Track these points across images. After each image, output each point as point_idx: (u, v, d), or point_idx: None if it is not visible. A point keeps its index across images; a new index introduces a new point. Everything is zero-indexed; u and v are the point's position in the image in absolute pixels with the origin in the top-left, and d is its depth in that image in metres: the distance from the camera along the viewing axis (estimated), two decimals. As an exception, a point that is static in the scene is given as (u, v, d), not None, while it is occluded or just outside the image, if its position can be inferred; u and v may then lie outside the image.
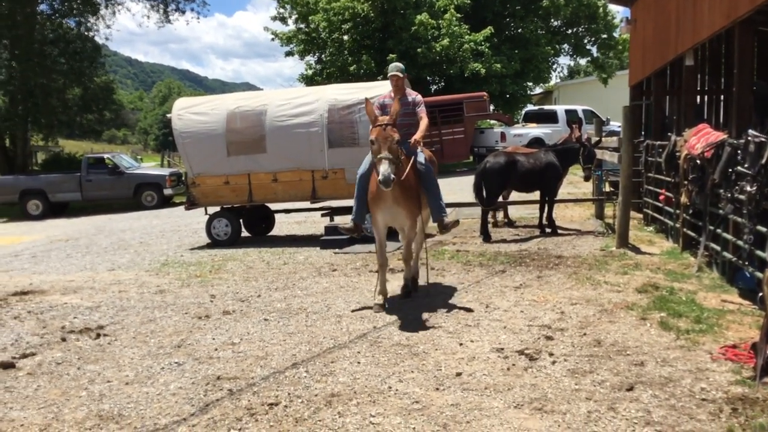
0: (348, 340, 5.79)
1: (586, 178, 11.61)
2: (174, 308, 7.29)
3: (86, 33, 29.08)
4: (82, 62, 27.99)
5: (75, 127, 31.25)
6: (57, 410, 4.55)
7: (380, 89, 11.44)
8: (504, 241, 10.68)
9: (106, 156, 22.53)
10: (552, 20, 36.21)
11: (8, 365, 5.53)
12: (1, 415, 4.51)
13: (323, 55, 33.62)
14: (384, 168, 6.20)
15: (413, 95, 7.47)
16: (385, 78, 21.03)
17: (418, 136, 7.00)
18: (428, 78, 32.23)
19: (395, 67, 7.42)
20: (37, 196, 20.56)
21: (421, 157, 7.14)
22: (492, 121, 30.14)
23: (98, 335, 6.35)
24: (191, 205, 12.26)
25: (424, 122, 7.20)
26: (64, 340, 6.26)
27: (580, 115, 25.76)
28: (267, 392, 4.66)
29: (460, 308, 6.68)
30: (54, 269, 10.30)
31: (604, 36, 36.89)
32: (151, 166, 32.05)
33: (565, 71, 61.76)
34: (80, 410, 4.52)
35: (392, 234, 8.29)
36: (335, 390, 4.64)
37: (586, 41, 37.78)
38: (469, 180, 11.32)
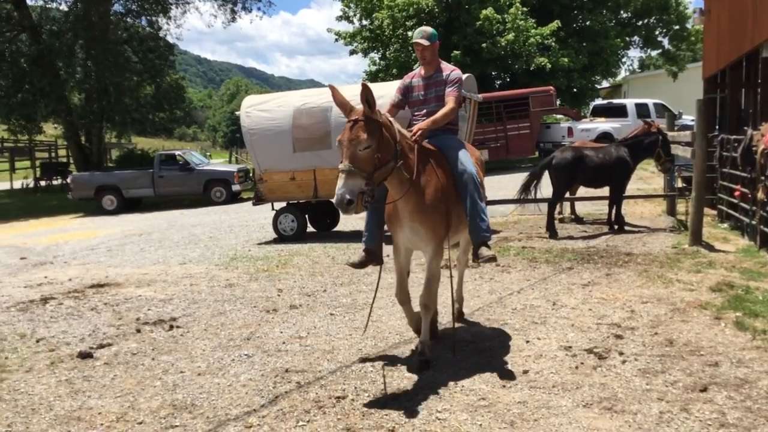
0: (413, 336, 5.80)
1: (666, 170, 11.30)
2: (243, 302, 7.44)
3: (157, 32, 29.92)
4: (154, 61, 28.81)
5: (147, 125, 32.26)
6: (133, 399, 4.71)
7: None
8: (571, 237, 10.51)
9: (177, 153, 23.13)
10: (622, 12, 35.29)
11: (86, 355, 5.75)
12: (80, 403, 4.70)
13: (387, 52, 33.68)
14: (339, 186, 4.43)
15: (448, 71, 5.54)
16: (449, 73, 20.72)
17: (425, 124, 5.21)
18: (493, 73, 31.90)
19: (419, 33, 5.54)
20: (112, 192, 21.24)
21: (464, 157, 5.28)
22: (559, 116, 29.64)
23: (171, 327, 6.54)
24: (258, 200, 12.48)
25: (446, 107, 5.36)
26: (138, 331, 6.47)
27: (651, 108, 25.09)
28: (334, 386, 4.72)
29: (527, 305, 6.61)
30: (128, 262, 10.64)
31: (676, 27, 35.76)
32: (219, 163, 32.75)
33: (636, 64, 60.17)
34: (155, 399, 4.67)
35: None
36: (401, 385, 4.66)
37: (657, 33, 36.71)
38: (535, 176, 11.18)
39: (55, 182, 29.33)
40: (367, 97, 4.65)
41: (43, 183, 29.54)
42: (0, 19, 25.98)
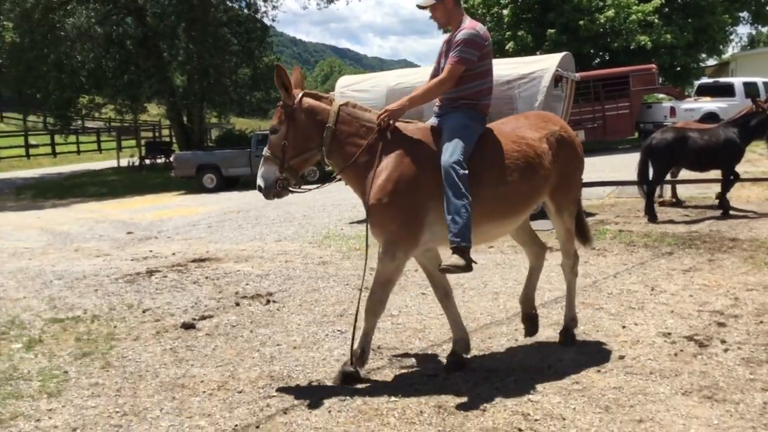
0: (505, 318, 5.77)
1: None
2: (336, 279, 7.58)
3: (255, 15, 30.56)
4: (252, 43, 29.49)
5: (245, 106, 33.13)
6: (233, 369, 4.90)
7: (540, 63, 11.19)
8: (672, 221, 10.13)
9: (272, 133, 23.61)
10: (730, -14, 33.49)
11: (189, 326, 6.02)
12: (184, 371, 4.93)
13: (480, 31, 33.24)
14: (260, 173, 4.53)
15: (462, 30, 4.55)
16: (545, 52, 20.26)
17: (397, 104, 4.56)
18: (591, 52, 30.94)
19: None
20: (212, 171, 21.94)
21: (449, 145, 4.37)
22: (660, 96, 28.48)
23: (268, 301, 6.75)
24: (352, 180, 12.63)
25: (436, 78, 4.61)
26: (237, 304, 6.71)
27: (761, 87, 23.75)
28: (425, 364, 4.77)
29: (623, 290, 6.45)
30: (227, 239, 11.01)
31: (790, 1, 33.64)
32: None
33: (745, 40, 57.01)
34: (253, 370, 4.84)
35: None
36: (493, 366, 4.65)
37: (768, 8, 34.65)
38: (632, 157, 10.82)
39: (158, 161, 30.56)
40: (282, 80, 4.45)
41: (147, 161, 30.83)
42: (108, 3, 27.14)
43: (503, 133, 4.60)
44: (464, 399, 4.10)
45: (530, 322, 5.10)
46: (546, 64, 11.04)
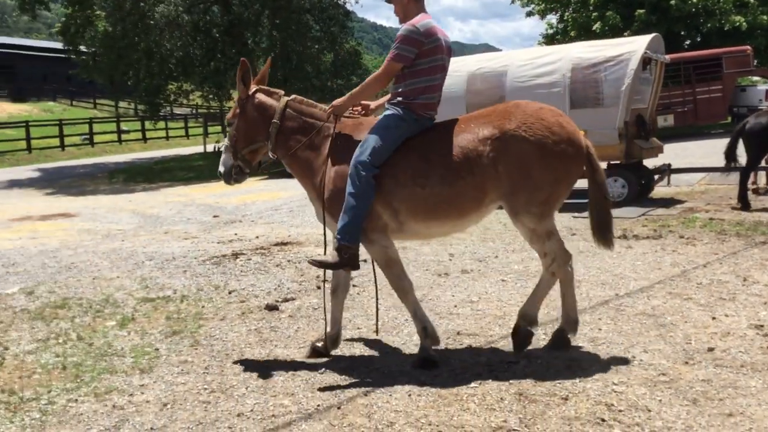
0: (588, 306, 5.66)
1: None
2: (415, 264, 7.60)
3: (337, 1, 30.74)
4: (334, 29, 29.70)
5: (326, 92, 33.44)
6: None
7: (628, 45, 10.86)
8: (766, 209, 9.69)
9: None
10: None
11: (273, 307, 6.17)
12: (268, 351, 5.06)
13: (565, 13, 32.40)
14: (221, 160, 4.98)
15: (403, 26, 4.55)
16: (632, 34, 19.71)
17: (340, 100, 4.74)
18: (681, 33, 29.76)
19: None
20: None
21: (362, 144, 4.48)
22: (755, 78, 27.16)
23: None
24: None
25: (369, 77, 4.69)
26: (318, 288, 6.82)
27: None
28: (506, 351, 4.73)
29: (713, 280, 6.22)
30: (308, 223, 11.19)
31: None
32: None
33: None
34: (334, 352, 4.92)
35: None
36: (575, 355, 4.58)
37: None
38: (725, 143, 10.38)
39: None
40: (242, 75, 4.81)
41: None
42: (195, -9, 27.87)
43: (446, 132, 4.49)
44: (545, 387, 4.05)
45: (520, 337, 4.66)
46: (634, 46, 10.72)
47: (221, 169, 4.95)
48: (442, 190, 4.35)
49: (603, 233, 4.66)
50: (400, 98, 4.58)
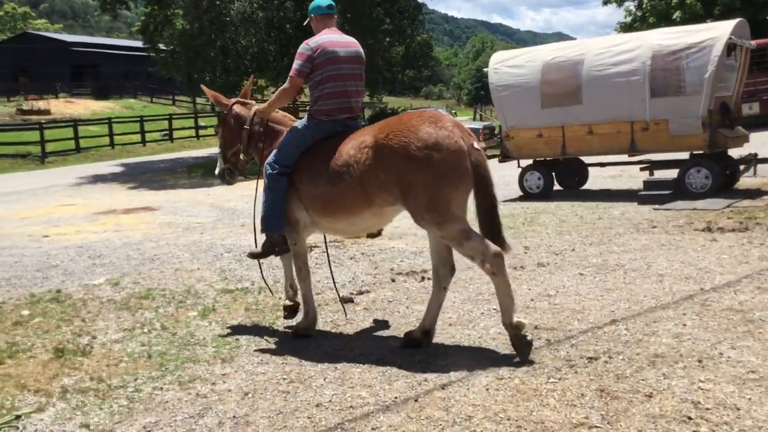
0: (671, 301, 5.49)
1: None
2: (490, 257, 7.52)
3: (409, -7, 30.74)
4: (404, 21, 29.70)
5: (397, 84, 33.49)
6: (390, 343, 5.02)
7: (711, 31, 10.46)
8: None
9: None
10: None
11: (348, 300, 6.22)
12: (344, 342, 5.11)
13: (644, 0, 31.41)
14: (218, 164, 5.92)
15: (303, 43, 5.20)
16: (715, 20, 18.97)
17: (261, 107, 5.47)
18: (767, 19, 28.43)
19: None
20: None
21: (272, 152, 5.27)
22: None
23: (423, 278, 6.83)
24: (505, 157, 12.49)
25: (278, 91, 5.42)
26: (393, 280, 6.85)
27: None
28: (585, 346, 4.64)
29: (806, 275, 5.93)
30: (381, 216, 11.23)
31: None
32: (464, 120, 33.10)
33: None
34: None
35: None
36: (659, 351, 4.44)
37: None
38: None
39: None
40: (214, 98, 5.87)
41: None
42: (269, -12, 28.31)
43: (344, 138, 4.94)
44: (628, 384, 3.95)
45: (519, 346, 4.47)
46: (718, 31, 10.32)
47: (216, 171, 5.85)
48: (327, 189, 4.88)
49: (495, 238, 4.60)
50: (308, 107, 5.24)
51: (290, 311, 5.64)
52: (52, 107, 45.34)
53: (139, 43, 39.62)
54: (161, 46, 30.83)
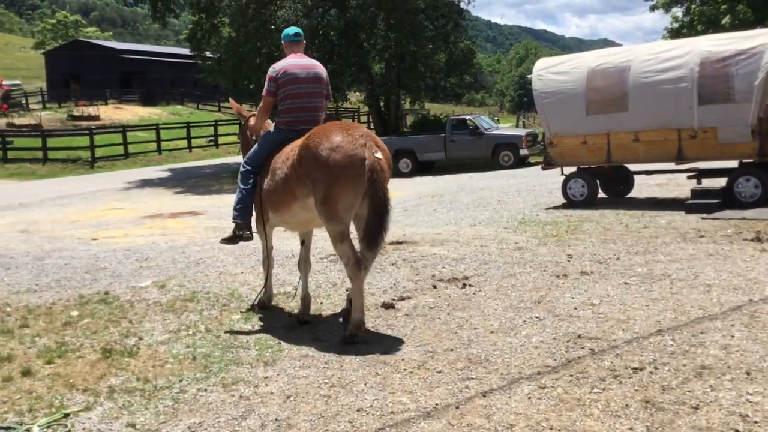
0: (719, 312, 5.38)
1: None
2: (532, 265, 7.48)
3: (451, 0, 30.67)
4: (447, 28, 29.65)
5: (439, 91, 33.40)
6: (431, 350, 5.01)
7: (761, 38, 10.24)
8: None
9: (467, 118, 23.77)
10: None
11: (389, 306, 6.24)
12: (385, 348, 5.12)
13: (692, 5, 30.89)
14: None
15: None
16: (766, 26, 18.44)
17: (252, 122, 6.62)
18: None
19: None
20: (407, 155, 22.49)
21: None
22: None
23: (464, 285, 6.81)
24: (548, 165, 12.39)
25: (259, 106, 6.31)
26: (434, 287, 6.84)
27: None
28: (630, 356, 4.57)
29: None
30: (422, 222, 11.25)
31: None
32: (507, 127, 32.90)
33: None
34: (451, 352, 4.92)
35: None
36: (705, 362, 4.36)
37: None
38: None
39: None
40: (238, 112, 6.95)
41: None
42: (315, -2, 28.60)
43: (290, 143, 5.75)
44: (674, 395, 3.88)
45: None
46: (765, 38, 10.09)
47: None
48: (273, 185, 5.72)
49: (370, 244, 5.34)
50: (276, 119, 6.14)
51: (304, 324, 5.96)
52: (102, 113, 46.37)
53: (186, 51, 40.37)
54: (208, 54, 31.35)
